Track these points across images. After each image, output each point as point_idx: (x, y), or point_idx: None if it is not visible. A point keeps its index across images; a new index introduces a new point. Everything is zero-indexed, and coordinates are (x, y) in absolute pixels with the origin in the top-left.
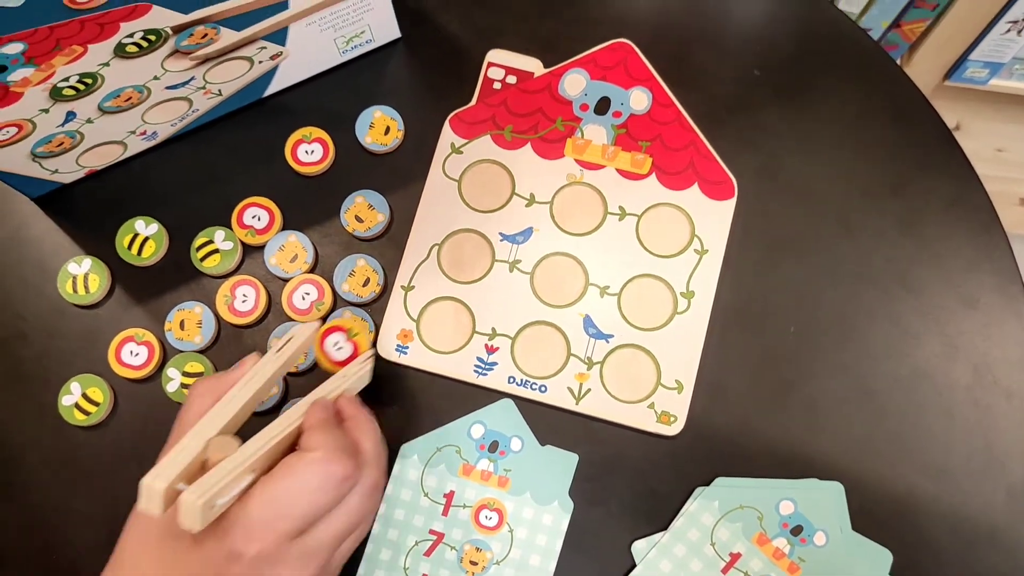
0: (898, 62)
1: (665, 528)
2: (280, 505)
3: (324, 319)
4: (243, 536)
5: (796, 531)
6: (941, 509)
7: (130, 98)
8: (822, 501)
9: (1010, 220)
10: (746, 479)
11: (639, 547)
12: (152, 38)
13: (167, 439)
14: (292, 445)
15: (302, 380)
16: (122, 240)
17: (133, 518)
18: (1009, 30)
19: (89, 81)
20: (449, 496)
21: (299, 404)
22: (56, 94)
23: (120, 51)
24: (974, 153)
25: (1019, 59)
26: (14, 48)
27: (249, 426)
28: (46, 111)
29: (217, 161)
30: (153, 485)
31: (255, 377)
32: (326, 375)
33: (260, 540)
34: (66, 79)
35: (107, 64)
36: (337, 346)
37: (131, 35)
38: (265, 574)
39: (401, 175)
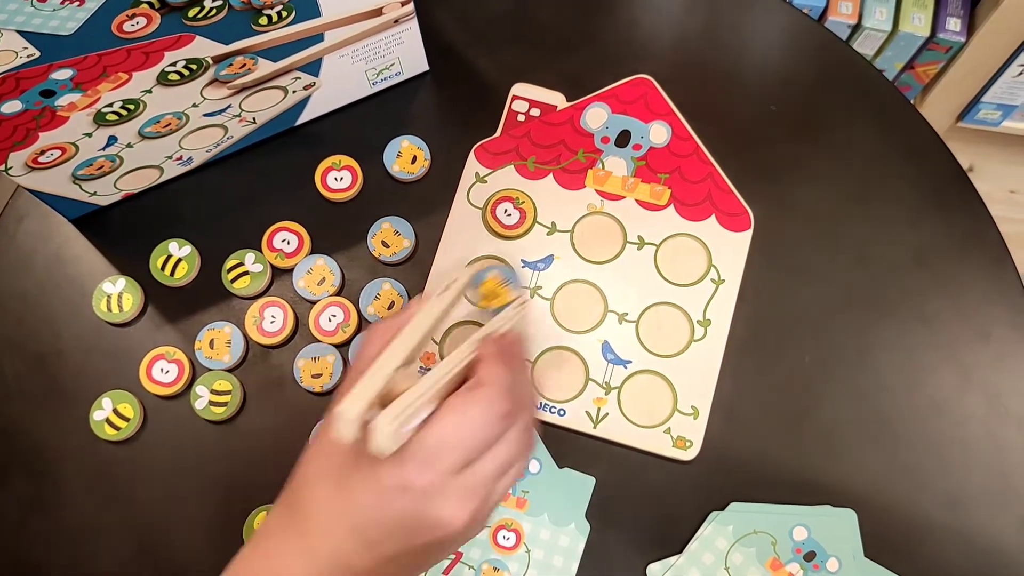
0: (912, 103)
1: (680, 552)
2: (450, 438)
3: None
4: (414, 468)
5: (809, 557)
6: (954, 538)
7: (169, 124)
8: (835, 528)
9: (1023, 261)
10: (760, 504)
11: (654, 570)
12: (193, 67)
13: (342, 381)
14: (465, 378)
15: (324, 400)
16: (156, 261)
17: (311, 450)
18: (1021, 73)
19: (132, 107)
20: None
21: (470, 340)
22: (100, 119)
23: (163, 79)
24: (987, 195)
25: None
26: (63, 74)
27: None
28: (89, 135)
29: (249, 186)
30: (348, 412)
31: (425, 318)
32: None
33: (429, 471)
34: (110, 105)
35: (150, 91)
36: (506, 213)
37: (174, 64)
38: (430, 506)
39: (427, 203)
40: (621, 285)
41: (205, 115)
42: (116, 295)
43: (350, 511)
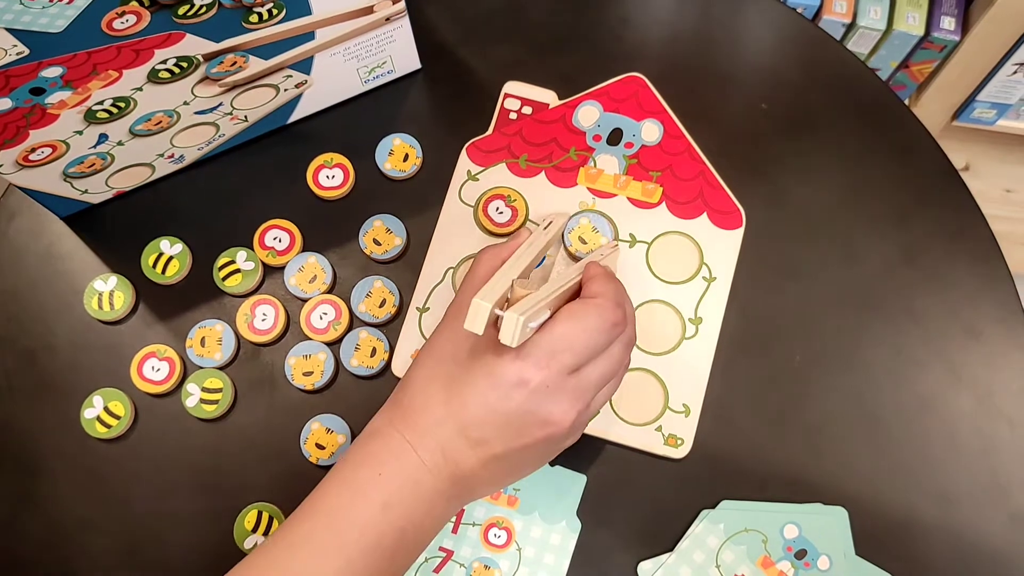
0: (906, 102)
1: (671, 550)
2: (566, 340)
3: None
4: (533, 364)
5: (800, 555)
6: (944, 535)
7: (160, 122)
8: (826, 526)
9: (1018, 260)
10: (751, 502)
11: (645, 568)
12: (184, 65)
13: (455, 297)
14: (573, 296)
15: (315, 398)
16: (147, 259)
17: (421, 356)
18: (1015, 71)
19: (122, 105)
20: (459, 514)
21: (576, 265)
22: (90, 117)
23: (153, 76)
24: (982, 194)
25: None
26: (53, 72)
27: None
28: (80, 133)
29: (241, 184)
30: (482, 304)
31: (531, 247)
32: None
33: (546, 369)
34: (100, 102)
35: (140, 89)
36: (498, 211)
37: (164, 61)
38: (542, 402)
39: (418, 200)
40: None
41: (196, 113)
42: (107, 293)
43: (459, 412)
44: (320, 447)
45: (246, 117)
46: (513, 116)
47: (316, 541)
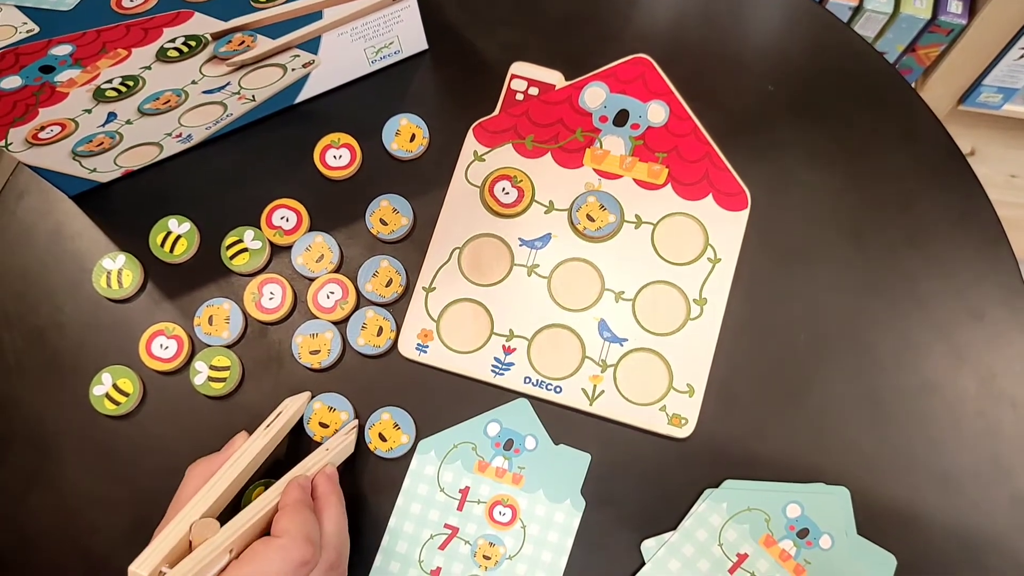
0: (913, 86)
1: (674, 528)
2: None
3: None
4: None
5: (802, 534)
6: (946, 515)
7: (168, 101)
8: (828, 505)
9: (1022, 246)
10: (754, 482)
11: (648, 546)
12: (193, 43)
13: (165, 515)
14: (271, 521)
15: (322, 376)
16: (155, 238)
17: None
18: (1022, 56)
19: (131, 83)
20: (464, 492)
21: (279, 483)
22: (99, 95)
23: (162, 55)
24: (987, 179)
25: None
26: (63, 50)
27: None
28: (89, 111)
29: (248, 164)
30: (139, 573)
31: (243, 455)
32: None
33: None
34: (109, 81)
35: (149, 67)
36: (504, 191)
37: (173, 40)
38: None
39: (425, 181)
40: (618, 263)
41: (204, 92)
42: (116, 271)
43: None
44: (324, 426)
45: (254, 97)
46: (520, 97)
47: None
